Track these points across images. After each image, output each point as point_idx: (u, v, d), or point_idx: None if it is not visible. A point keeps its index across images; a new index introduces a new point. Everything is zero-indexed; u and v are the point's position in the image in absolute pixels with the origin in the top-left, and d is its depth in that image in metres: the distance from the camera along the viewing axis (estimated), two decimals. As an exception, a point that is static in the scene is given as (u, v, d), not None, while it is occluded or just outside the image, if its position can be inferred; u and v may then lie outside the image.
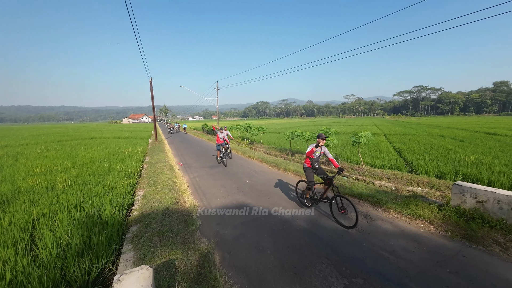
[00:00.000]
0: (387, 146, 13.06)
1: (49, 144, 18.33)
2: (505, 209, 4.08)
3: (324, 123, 50.91)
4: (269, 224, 4.65)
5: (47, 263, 3.16)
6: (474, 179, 6.76)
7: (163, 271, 3.15)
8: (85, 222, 4.17)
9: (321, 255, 3.59)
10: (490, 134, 18.24)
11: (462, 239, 3.93)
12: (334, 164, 4.90)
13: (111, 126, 68.86)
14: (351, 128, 29.30)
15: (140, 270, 2.05)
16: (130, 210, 5.39)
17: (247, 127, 17.67)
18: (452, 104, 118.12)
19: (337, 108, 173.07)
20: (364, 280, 3.04)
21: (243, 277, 3.17)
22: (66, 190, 6.23)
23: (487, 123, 34.02)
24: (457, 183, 4.79)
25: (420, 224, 4.52)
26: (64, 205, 5.06)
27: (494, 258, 3.43)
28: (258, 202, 5.81)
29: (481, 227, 4.06)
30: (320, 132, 6.93)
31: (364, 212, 5.13)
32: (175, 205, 5.48)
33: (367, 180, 7.42)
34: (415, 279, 3.05)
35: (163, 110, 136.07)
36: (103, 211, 4.71)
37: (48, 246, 3.45)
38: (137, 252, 3.63)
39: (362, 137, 8.48)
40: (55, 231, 3.95)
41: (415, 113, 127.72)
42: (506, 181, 6.25)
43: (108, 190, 6.24)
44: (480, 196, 4.38)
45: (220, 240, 4.12)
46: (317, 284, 2.99)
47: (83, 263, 3.15)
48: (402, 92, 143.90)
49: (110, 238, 3.81)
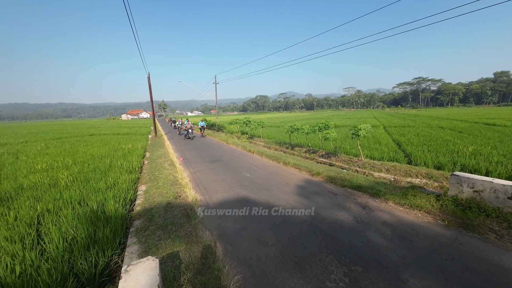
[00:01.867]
0: (386, 138, 13.11)
1: (49, 141, 18.33)
2: (501, 198, 4.16)
3: (323, 116, 50.80)
4: (270, 217, 4.74)
5: (55, 256, 3.25)
6: (472, 169, 6.85)
7: (167, 262, 3.25)
8: (90, 217, 4.25)
9: (321, 245, 3.69)
10: (489, 125, 18.28)
11: (458, 228, 4.03)
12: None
13: (110, 122, 68.62)
14: (351, 121, 29.28)
15: (147, 261, 2.12)
16: (133, 205, 5.47)
17: (246, 121, 17.65)
18: (452, 96, 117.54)
19: (336, 101, 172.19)
20: (363, 268, 3.14)
21: (245, 267, 3.27)
22: (69, 186, 6.30)
23: (486, 114, 33.99)
24: (455, 173, 4.86)
25: (418, 214, 4.62)
26: (67, 201, 5.14)
27: (489, 245, 3.53)
28: (258, 196, 5.89)
29: (477, 215, 4.16)
30: (320, 125, 6.96)
31: (363, 203, 5.22)
32: (177, 200, 5.56)
33: (367, 172, 7.51)
34: (412, 266, 3.15)
35: (161, 105, 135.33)
36: (107, 206, 4.79)
37: (54, 240, 3.53)
38: (142, 245, 3.72)
39: (361, 129, 8.51)
40: (60, 226, 4.03)
41: (414, 104, 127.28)
42: (503, 171, 6.34)
43: (110, 185, 6.31)
44: (477, 186, 4.46)
45: (222, 232, 4.21)
46: (317, 272, 3.09)
47: (89, 256, 3.23)
48: (401, 84, 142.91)
49: (115, 232, 3.90)
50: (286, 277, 3.04)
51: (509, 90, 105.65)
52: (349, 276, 3.01)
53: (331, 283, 2.91)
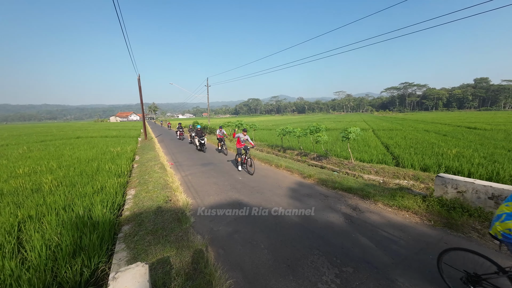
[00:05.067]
0: (375, 141, 13.46)
1: (32, 144, 17.55)
2: (482, 198, 4.36)
3: (314, 119, 51.57)
4: (262, 220, 4.74)
5: (37, 265, 3.09)
6: (455, 171, 7.14)
7: (157, 268, 3.17)
8: (75, 223, 4.08)
9: (313, 247, 3.72)
10: (471, 128, 19.19)
11: (444, 227, 4.18)
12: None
13: (98, 125, 66.64)
14: (341, 124, 29.88)
15: (136, 267, 2.06)
16: (122, 210, 5.31)
17: (238, 124, 17.64)
18: (436, 100, 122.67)
19: (327, 104, 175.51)
20: (353, 269, 3.18)
21: (238, 271, 3.24)
22: (53, 191, 6.04)
23: (468, 118, 35.69)
24: (439, 175, 5.05)
25: (406, 214, 4.75)
26: (51, 207, 4.92)
27: (472, 244, 3.68)
28: (251, 199, 5.88)
29: (461, 215, 4.33)
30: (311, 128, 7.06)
31: (354, 204, 5.32)
32: (167, 204, 5.45)
33: (357, 174, 7.66)
34: (400, 265, 3.23)
35: (152, 107, 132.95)
36: (94, 211, 4.62)
37: (36, 248, 3.36)
38: (131, 251, 3.61)
39: (351, 132, 8.70)
40: (43, 233, 3.85)
41: (401, 108, 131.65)
42: (484, 172, 6.64)
43: (98, 190, 6.10)
44: (460, 187, 4.65)
45: (215, 236, 4.16)
46: (309, 274, 3.11)
47: (74, 264, 3.10)
48: (389, 88, 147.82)
49: (102, 238, 3.76)
50: (278, 280, 3.04)
51: (488, 96, 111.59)
52: (341, 277, 3.04)
53: (323, 284, 2.93)
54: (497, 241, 2.15)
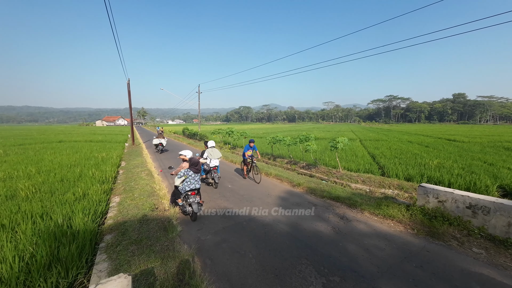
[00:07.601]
0: (362, 151, 13.86)
1: (9, 147, 16.57)
2: (461, 207, 4.57)
3: (304, 128, 52.48)
4: (251, 228, 4.69)
5: (8, 278, 2.87)
6: (437, 181, 7.46)
7: (141, 280, 3.04)
8: (53, 232, 3.86)
9: (301, 256, 3.71)
10: (451, 141, 20.25)
11: (426, 236, 4.32)
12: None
13: (82, 128, 64.08)
14: (330, 134, 30.58)
15: (118, 278, 1.97)
16: (105, 218, 5.08)
17: (229, 131, 17.62)
18: (419, 113, 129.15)
19: (316, 114, 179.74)
20: (340, 278, 3.20)
21: (224, 281, 3.16)
22: (30, 198, 5.71)
23: (448, 130, 37.70)
24: (421, 185, 5.27)
25: (391, 223, 4.88)
26: (27, 215, 4.63)
27: (452, 252, 3.82)
28: (240, 207, 5.82)
29: (441, 224, 4.51)
30: (301, 137, 7.19)
31: (341, 213, 5.40)
32: (154, 212, 5.28)
33: (344, 183, 7.82)
34: (385, 274, 3.29)
35: (141, 112, 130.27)
36: (74, 219, 4.39)
37: (8, 260, 3.13)
38: (112, 262, 3.45)
39: (339, 142, 8.94)
40: (17, 243, 3.60)
41: (387, 120, 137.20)
42: (462, 183, 6.99)
43: (80, 197, 5.83)
44: (441, 196, 4.86)
45: (202, 246, 4.06)
46: (297, 285, 3.09)
47: (50, 277, 2.92)
48: (375, 100, 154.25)
49: (82, 248, 3.57)
50: (266, 290, 2.99)
51: (465, 110, 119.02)
52: (328, 287, 3.05)
53: (310, 294, 2.92)
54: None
